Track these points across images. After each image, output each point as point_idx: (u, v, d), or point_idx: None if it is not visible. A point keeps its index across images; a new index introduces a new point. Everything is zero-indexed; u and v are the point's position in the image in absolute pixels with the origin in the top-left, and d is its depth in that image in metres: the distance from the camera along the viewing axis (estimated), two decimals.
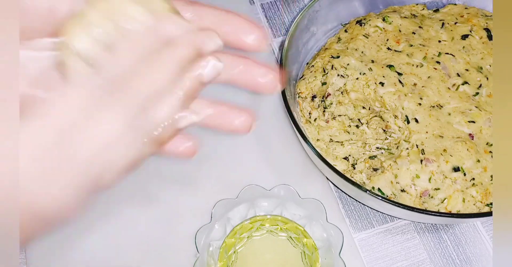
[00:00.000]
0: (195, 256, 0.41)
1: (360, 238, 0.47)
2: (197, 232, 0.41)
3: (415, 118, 0.45)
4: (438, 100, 0.47)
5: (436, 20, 0.53)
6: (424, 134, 0.45)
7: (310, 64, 0.52)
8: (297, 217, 0.43)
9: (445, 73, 0.49)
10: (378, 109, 0.47)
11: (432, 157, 0.43)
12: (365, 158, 0.46)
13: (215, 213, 0.42)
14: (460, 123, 0.45)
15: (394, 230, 0.48)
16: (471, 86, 0.48)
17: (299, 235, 0.43)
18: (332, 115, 0.49)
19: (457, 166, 0.43)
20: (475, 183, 0.43)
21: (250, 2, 0.61)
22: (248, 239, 0.44)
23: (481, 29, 0.52)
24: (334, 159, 0.47)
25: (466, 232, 0.48)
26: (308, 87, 0.50)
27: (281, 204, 0.44)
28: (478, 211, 0.43)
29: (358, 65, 0.48)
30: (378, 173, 0.45)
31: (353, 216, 0.48)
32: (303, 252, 0.43)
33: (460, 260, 0.46)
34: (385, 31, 0.52)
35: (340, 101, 0.49)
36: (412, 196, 0.43)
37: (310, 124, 0.49)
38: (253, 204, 0.43)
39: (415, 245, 0.47)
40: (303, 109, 0.50)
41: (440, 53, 0.50)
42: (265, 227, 0.44)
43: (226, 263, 0.42)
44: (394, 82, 0.47)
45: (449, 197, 0.43)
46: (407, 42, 0.51)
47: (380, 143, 0.47)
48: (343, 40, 0.52)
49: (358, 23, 0.53)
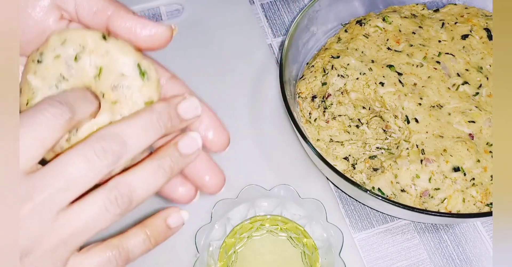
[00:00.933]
0: (195, 256, 0.41)
1: (360, 238, 0.47)
2: (197, 232, 0.41)
3: (415, 118, 0.45)
4: (438, 100, 0.47)
5: (436, 20, 0.53)
6: (424, 133, 0.45)
7: (310, 64, 0.52)
8: (297, 217, 0.43)
9: (445, 73, 0.49)
10: (378, 109, 0.47)
11: (432, 157, 0.43)
12: (365, 158, 0.46)
13: (215, 213, 0.42)
14: (460, 123, 0.45)
15: (394, 230, 0.48)
16: (471, 86, 0.48)
17: (299, 235, 0.43)
18: (332, 115, 0.49)
19: (457, 166, 0.43)
20: (475, 183, 0.43)
21: (250, 2, 0.61)
22: (248, 239, 0.44)
23: (481, 29, 0.52)
24: (334, 159, 0.47)
25: (466, 232, 0.48)
26: (308, 88, 0.50)
27: (281, 204, 0.44)
28: (478, 211, 0.43)
29: (358, 65, 0.48)
30: (378, 173, 0.45)
31: (353, 216, 0.48)
32: (303, 252, 0.43)
33: (460, 260, 0.46)
34: (385, 31, 0.52)
35: (340, 102, 0.49)
36: (412, 196, 0.43)
37: (310, 125, 0.49)
38: (253, 204, 0.43)
39: (415, 245, 0.47)
40: (303, 109, 0.50)
41: (440, 53, 0.50)
42: (265, 227, 0.44)
43: (226, 263, 0.42)
44: (394, 82, 0.47)
45: (449, 197, 0.43)
46: (407, 42, 0.51)
47: (380, 143, 0.47)
48: (343, 40, 0.52)
49: (358, 23, 0.52)
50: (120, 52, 0.25)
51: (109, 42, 0.25)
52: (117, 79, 0.25)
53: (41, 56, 0.25)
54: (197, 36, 0.58)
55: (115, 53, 0.25)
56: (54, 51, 0.25)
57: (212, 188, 0.28)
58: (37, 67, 0.25)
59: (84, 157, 0.22)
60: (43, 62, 0.25)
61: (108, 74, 0.25)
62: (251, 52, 0.57)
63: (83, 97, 0.24)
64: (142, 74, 0.25)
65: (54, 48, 0.25)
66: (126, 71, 0.25)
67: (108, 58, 0.25)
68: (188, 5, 0.60)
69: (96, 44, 0.25)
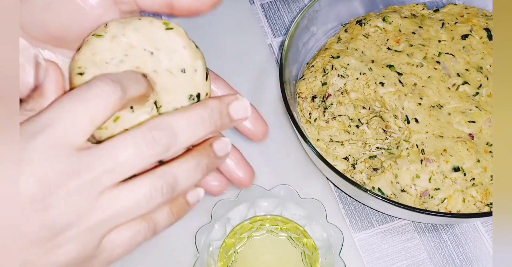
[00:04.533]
0: (195, 256, 0.41)
1: (360, 238, 0.47)
2: (197, 232, 0.41)
3: (415, 118, 0.45)
4: (438, 100, 0.47)
5: (436, 20, 0.53)
6: (424, 133, 0.45)
7: (310, 64, 0.52)
8: (297, 217, 0.43)
9: (445, 73, 0.49)
10: (378, 109, 0.47)
11: (432, 156, 0.43)
12: (365, 158, 0.46)
13: (215, 213, 0.42)
14: (460, 123, 0.45)
15: (394, 230, 0.48)
16: (471, 86, 0.48)
17: (299, 235, 0.43)
18: (332, 116, 0.49)
19: (457, 166, 0.43)
20: (475, 183, 0.43)
21: (250, 2, 0.61)
22: (248, 239, 0.44)
23: (481, 29, 0.52)
24: (334, 159, 0.47)
25: (466, 232, 0.48)
26: (308, 88, 0.50)
27: (281, 204, 0.44)
28: (478, 211, 0.43)
29: (358, 65, 0.48)
30: (378, 173, 0.45)
31: (353, 216, 0.48)
32: (303, 252, 0.43)
33: (460, 260, 0.46)
34: (385, 31, 0.52)
35: (340, 101, 0.49)
36: (412, 196, 0.43)
37: (310, 125, 0.49)
38: (253, 204, 0.43)
39: (415, 245, 0.47)
40: (303, 109, 0.50)
41: (440, 53, 0.50)
42: (265, 227, 0.44)
43: (226, 263, 0.42)
44: (394, 82, 0.47)
45: (449, 197, 0.43)
46: (407, 42, 0.51)
47: (380, 143, 0.47)
48: (343, 40, 0.52)
49: (358, 23, 0.52)
50: (176, 41, 0.25)
51: (167, 31, 0.25)
52: (170, 67, 0.25)
53: (97, 37, 0.25)
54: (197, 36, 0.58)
55: (170, 42, 0.25)
56: (111, 33, 0.25)
57: (244, 182, 0.30)
58: (91, 46, 0.25)
59: (135, 144, 0.22)
60: (98, 43, 0.25)
61: (162, 61, 0.25)
62: (251, 52, 0.57)
63: (135, 78, 0.24)
64: (194, 66, 0.26)
65: (112, 31, 0.25)
66: (180, 60, 0.26)
67: (164, 45, 0.25)
68: None
69: (153, 31, 0.25)
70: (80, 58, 0.25)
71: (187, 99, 0.26)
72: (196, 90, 0.26)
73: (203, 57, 0.27)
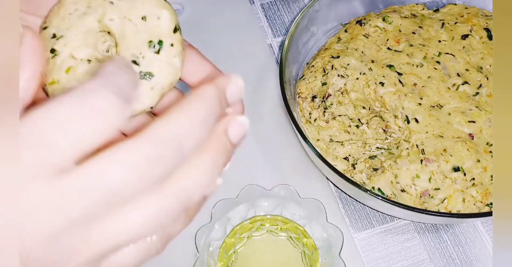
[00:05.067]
0: (195, 256, 0.41)
1: (360, 238, 0.47)
2: (197, 232, 0.41)
3: (415, 118, 0.45)
4: (438, 100, 0.47)
5: (436, 20, 0.53)
6: (424, 133, 0.45)
7: (310, 64, 0.52)
8: (297, 217, 0.43)
9: (445, 73, 0.49)
10: (378, 109, 0.47)
11: (432, 156, 0.43)
12: (365, 157, 0.46)
13: (215, 213, 0.42)
14: (460, 123, 0.45)
15: (394, 230, 0.48)
16: (471, 86, 0.48)
17: (299, 235, 0.43)
18: (332, 116, 0.49)
19: (457, 166, 0.43)
20: (475, 183, 0.43)
21: (250, 2, 0.61)
22: (248, 239, 0.44)
23: (481, 29, 0.52)
24: (334, 159, 0.47)
25: (466, 232, 0.48)
26: (308, 88, 0.50)
27: (281, 204, 0.44)
28: (478, 211, 0.43)
29: (358, 65, 0.48)
30: (378, 173, 0.45)
31: (353, 216, 0.48)
32: (303, 252, 0.43)
33: (460, 260, 0.46)
34: (385, 31, 0.52)
35: (340, 101, 0.49)
36: (412, 196, 0.43)
37: (310, 125, 0.49)
38: (253, 204, 0.43)
39: (415, 245, 0.47)
40: (303, 109, 0.50)
41: (440, 53, 0.50)
42: (265, 227, 0.44)
43: (226, 263, 0.42)
44: (394, 82, 0.47)
45: (449, 197, 0.43)
46: (407, 42, 0.51)
47: (380, 143, 0.47)
48: (343, 40, 0.52)
49: (358, 23, 0.52)
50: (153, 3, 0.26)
51: None
52: (128, 14, 0.25)
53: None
54: (197, 36, 0.58)
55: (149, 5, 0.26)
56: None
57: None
58: (59, 3, 0.26)
59: (132, 165, 0.17)
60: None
61: (122, 9, 0.25)
62: (251, 52, 0.57)
63: (125, 69, 0.19)
64: (157, 13, 0.26)
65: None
66: (140, 8, 0.25)
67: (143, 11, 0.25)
68: (188, 5, 0.60)
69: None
70: (48, 14, 0.26)
71: (147, 46, 0.25)
72: (158, 37, 0.25)
73: (171, 8, 0.26)
